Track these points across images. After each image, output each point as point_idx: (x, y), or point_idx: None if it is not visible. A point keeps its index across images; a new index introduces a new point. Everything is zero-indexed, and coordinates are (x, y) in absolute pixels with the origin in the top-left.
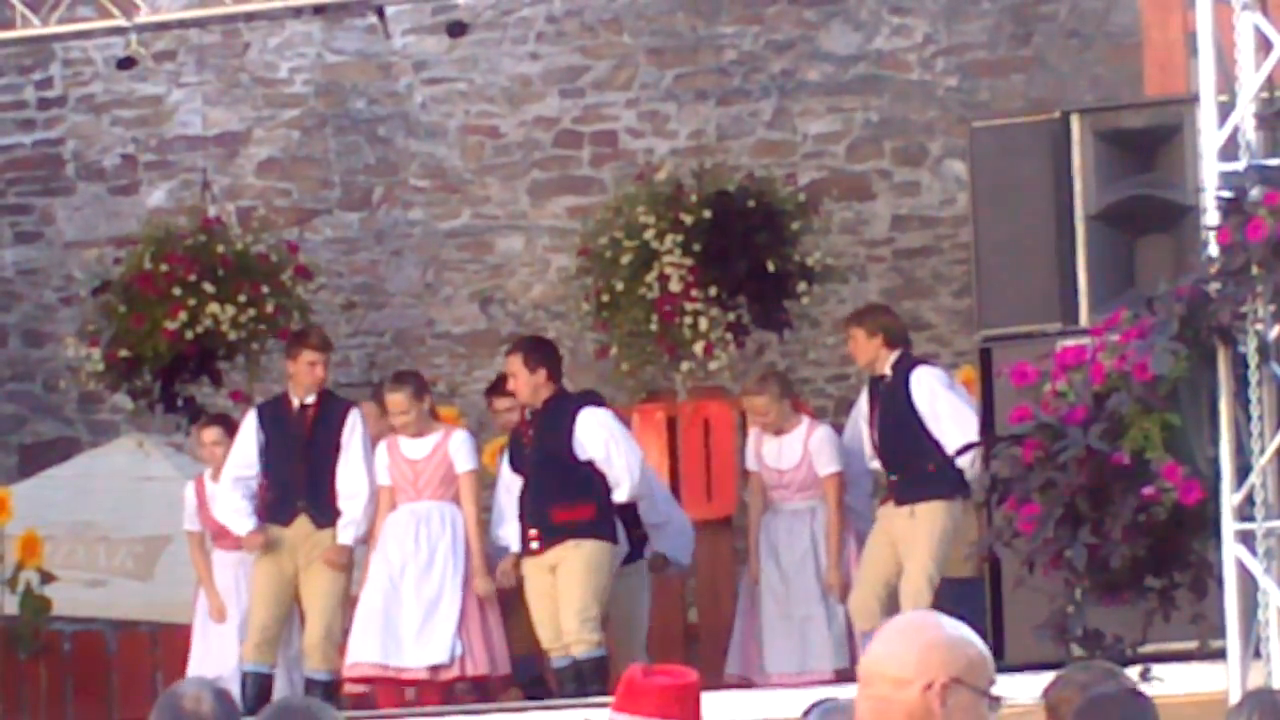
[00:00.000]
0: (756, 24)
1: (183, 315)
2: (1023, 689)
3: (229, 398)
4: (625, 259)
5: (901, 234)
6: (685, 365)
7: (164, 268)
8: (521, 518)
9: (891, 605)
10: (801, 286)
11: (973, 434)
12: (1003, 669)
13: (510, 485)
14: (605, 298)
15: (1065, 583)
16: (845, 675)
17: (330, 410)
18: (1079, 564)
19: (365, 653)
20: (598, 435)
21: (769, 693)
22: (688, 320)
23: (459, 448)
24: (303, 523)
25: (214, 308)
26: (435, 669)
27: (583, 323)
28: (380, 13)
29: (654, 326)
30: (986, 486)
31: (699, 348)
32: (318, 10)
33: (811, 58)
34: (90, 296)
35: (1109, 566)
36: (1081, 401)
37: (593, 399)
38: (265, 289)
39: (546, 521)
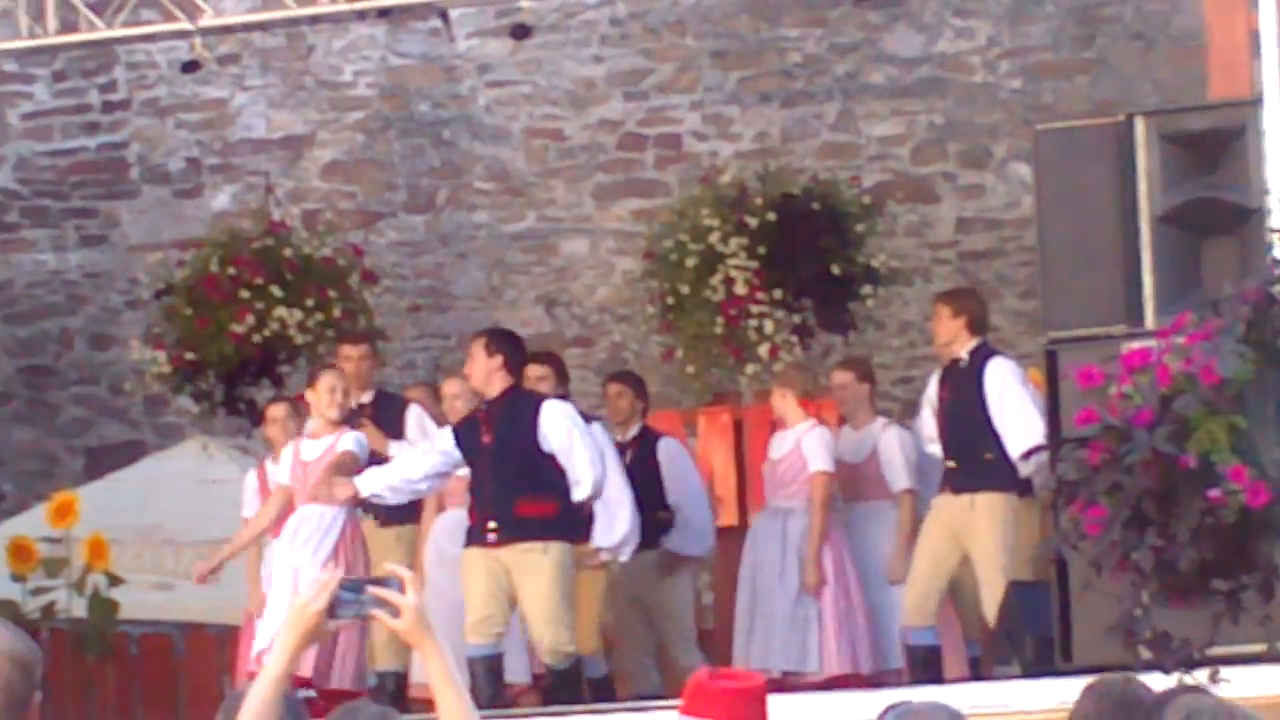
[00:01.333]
0: (820, 27)
1: (249, 319)
2: None
3: (294, 400)
4: (690, 262)
5: (966, 236)
6: (750, 368)
7: (230, 271)
8: (474, 508)
9: (955, 597)
10: (866, 289)
11: (1035, 435)
12: (1071, 671)
13: (422, 455)
14: (670, 300)
15: (1132, 585)
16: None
17: (390, 407)
18: (1146, 566)
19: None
20: (561, 427)
21: (821, 696)
22: (753, 323)
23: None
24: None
25: (281, 311)
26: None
27: (648, 325)
28: (444, 16)
29: (719, 329)
30: (1053, 489)
31: (764, 350)
32: (382, 13)
33: (875, 60)
34: (154, 300)
35: (1176, 569)
36: (1148, 404)
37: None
38: (332, 293)
39: (509, 514)
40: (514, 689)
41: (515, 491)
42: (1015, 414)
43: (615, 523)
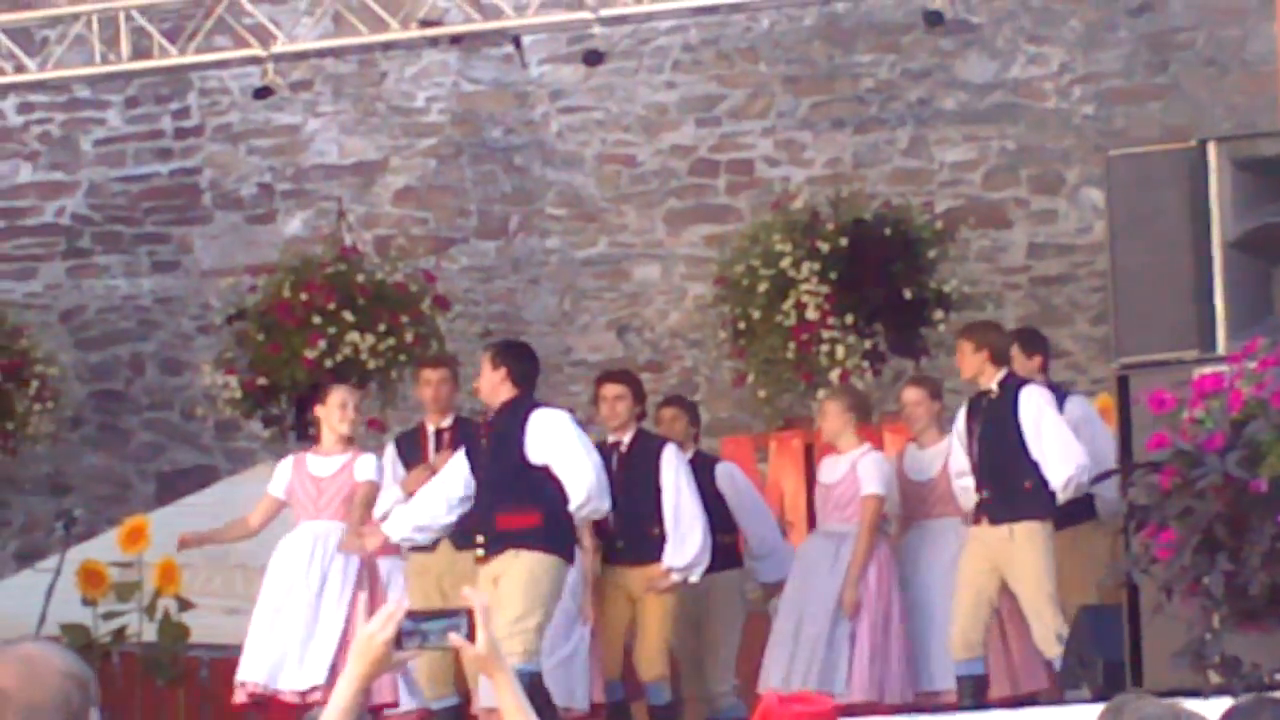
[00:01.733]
0: (893, 52)
1: (322, 344)
2: None
3: (366, 426)
4: (762, 287)
5: (1038, 262)
6: (822, 393)
7: (303, 296)
8: (472, 524)
9: (1001, 626)
10: (938, 314)
11: (1075, 457)
12: None
13: (443, 487)
14: (742, 325)
15: (1203, 610)
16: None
17: (466, 431)
18: (1217, 591)
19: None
20: (549, 437)
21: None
22: (824, 348)
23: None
24: (445, 546)
25: (354, 336)
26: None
27: (719, 351)
28: (517, 42)
29: (791, 354)
30: (1125, 513)
31: (836, 375)
32: (454, 40)
33: (948, 86)
34: (226, 325)
35: (1247, 593)
36: (1219, 429)
37: (552, 403)
38: (404, 318)
39: (491, 528)
40: (570, 713)
41: (496, 504)
42: (1053, 441)
43: (686, 544)
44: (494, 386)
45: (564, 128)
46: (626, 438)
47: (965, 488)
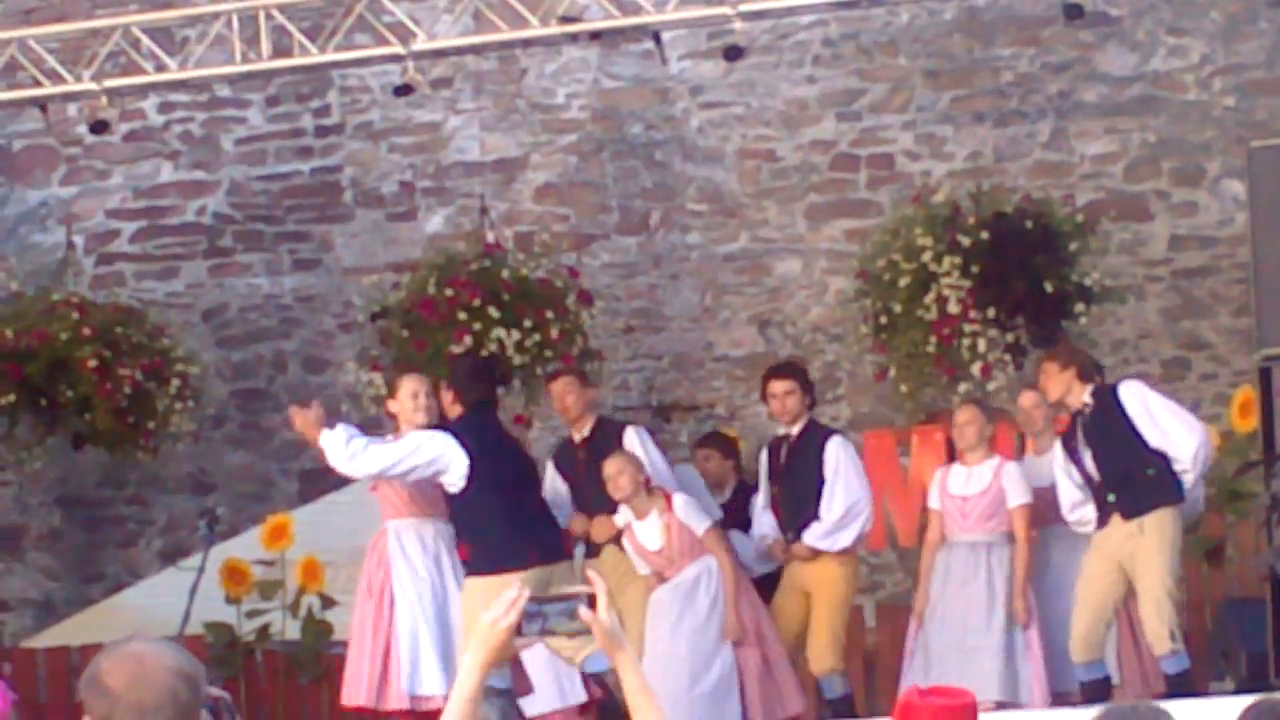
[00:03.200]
0: (1033, 45)
1: (467, 340)
2: None
3: (513, 421)
4: (903, 281)
5: (1180, 254)
6: (963, 386)
7: (448, 292)
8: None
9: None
10: (1079, 307)
11: (1195, 429)
12: None
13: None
14: (883, 320)
15: None
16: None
17: (607, 436)
18: None
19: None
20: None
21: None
22: (966, 341)
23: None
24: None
25: (499, 332)
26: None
27: (861, 345)
28: (657, 38)
29: (932, 348)
30: (1267, 505)
31: (977, 369)
32: (594, 36)
33: (1088, 79)
34: (369, 322)
35: None
36: None
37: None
38: (549, 314)
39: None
40: None
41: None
42: (1169, 421)
43: (841, 532)
44: (446, 407)
45: (704, 123)
46: (796, 429)
47: (1082, 520)
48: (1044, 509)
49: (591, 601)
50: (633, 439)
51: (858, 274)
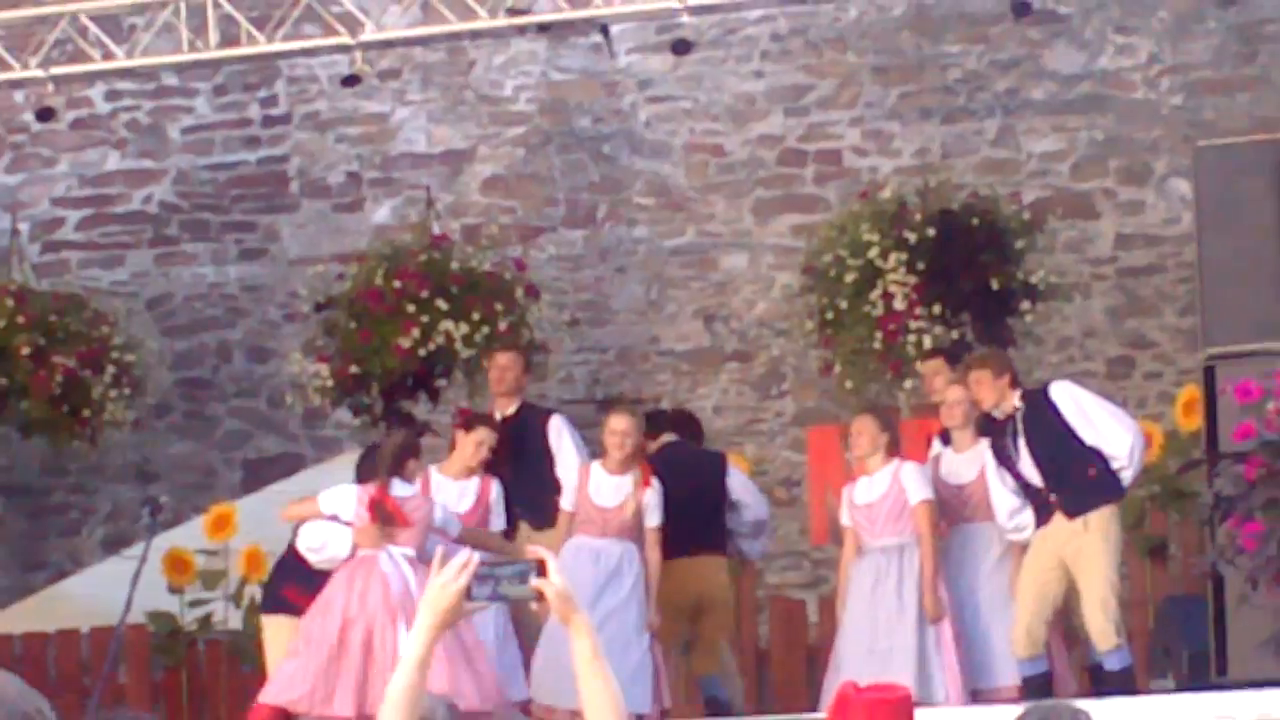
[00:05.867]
0: (981, 43)
1: (415, 332)
2: (1247, 706)
3: (456, 415)
4: (849, 277)
5: (1126, 252)
6: (909, 382)
7: (396, 284)
8: None
9: (1062, 624)
10: (1025, 305)
11: (1127, 424)
12: (1226, 686)
13: None
14: (829, 315)
15: None
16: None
17: (531, 419)
18: None
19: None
20: None
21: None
22: (911, 338)
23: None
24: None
25: (447, 324)
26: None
27: (806, 340)
28: (605, 31)
29: (878, 344)
30: (1210, 504)
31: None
32: (542, 28)
33: (1036, 77)
34: (315, 313)
35: None
36: None
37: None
38: (498, 306)
39: None
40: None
41: None
42: (1103, 420)
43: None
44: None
45: (652, 117)
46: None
47: (1019, 526)
48: (958, 506)
49: (542, 568)
50: (557, 426)
51: (804, 269)
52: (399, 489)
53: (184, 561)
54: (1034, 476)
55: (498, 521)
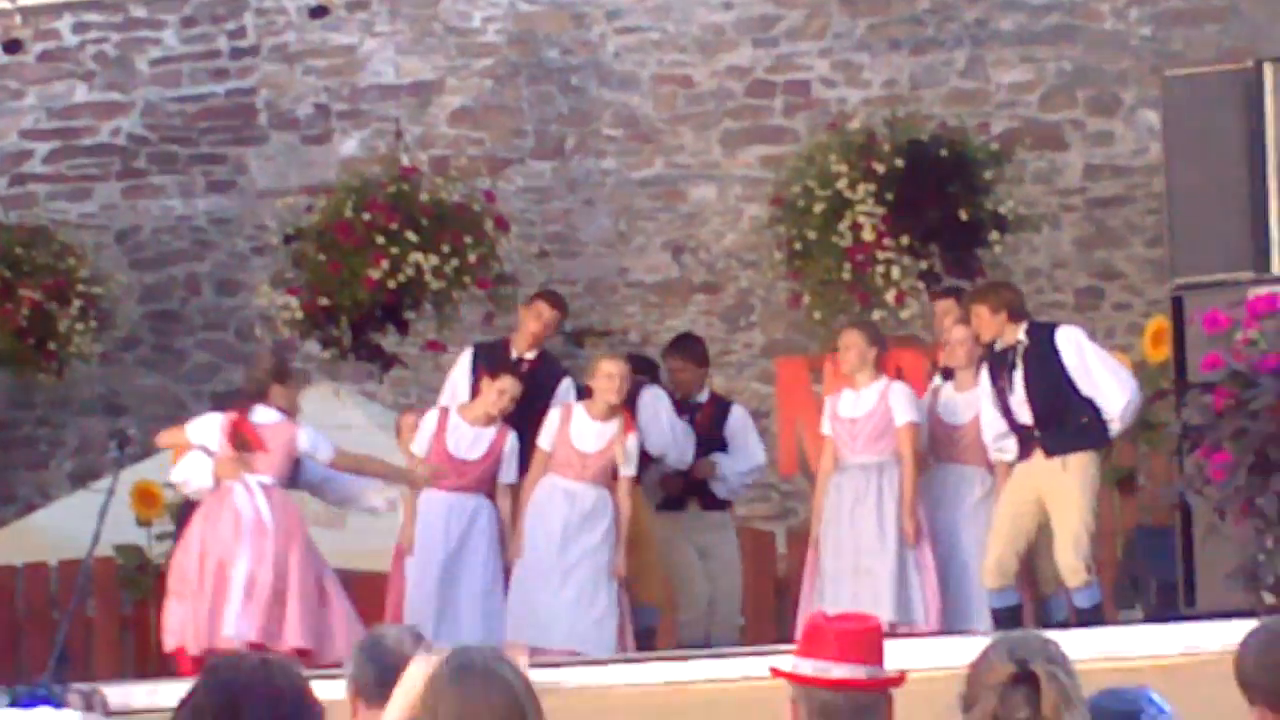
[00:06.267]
0: None
1: (385, 264)
2: (1215, 637)
3: (426, 348)
4: (818, 208)
5: (1094, 183)
6: (877, 313)
7: (365, 216)
8: None
9: (1032, 559)
10: (994, 235)
11: (1126, 383)
12: (1195, 617)
13: None
14: (798, 246)
15: (1256, 530)
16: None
17: (548, 370)
18: (1271, 512)
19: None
20: None
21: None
22: (880, 269)
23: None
24: None
25: (417, 256)
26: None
27: (775, 271)
28: None
29: (846, 275)
30: (1178, 434)
31: (891, 296)
32: None
33: (1005, 7)
34: (284, 245)
35: None
36: (1273, 349)
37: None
38: (467, 238)
39: None
40: None
41: None
42: (1102, 373)
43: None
44: None
45: (620, 48)
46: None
47: (1003, 449)
48: (948, 445)
49: None
50: (566, 387)
51: (772, 200)
52: (261, 415)
53: (152, 494)
54: (1023, 413)
55: (508, 474)
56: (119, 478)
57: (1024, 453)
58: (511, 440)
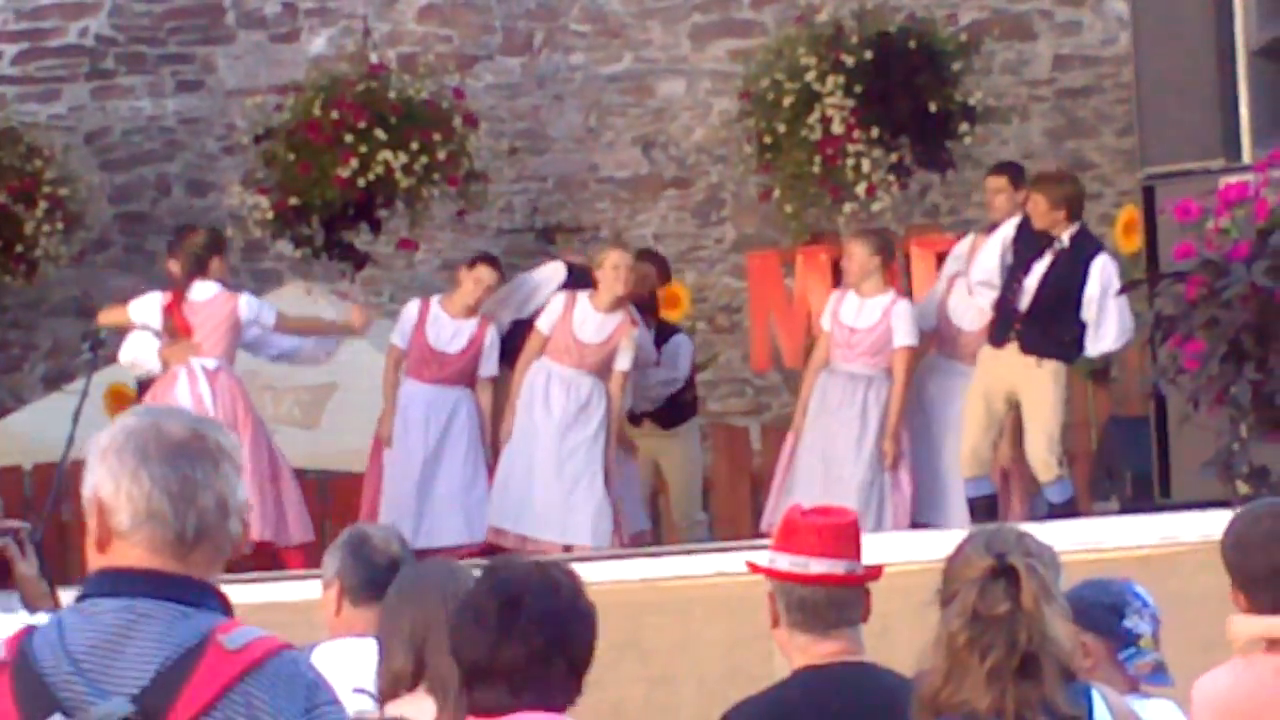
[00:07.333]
0: None
1: (354, 162)
2: (1190, 527)
3: (397, 246)
4: (787, 101)
5: (1063, 74)
6: (848, 206)
7: (333, 115)
8: None
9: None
10: (963, 127)
11: (1125, 331)
12: (1170, 507)
13: None
14: (767, 140)
15: (1230, 420)
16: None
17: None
18: (1244, 401)
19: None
20: None
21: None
22: (850, 161)
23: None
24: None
25: (386, 154)
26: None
27: (745, 166)
28: None
29: (816, 168)
30: (1150, 324)
31: (862, 189)
32: None
33: None
34: (254, 144)
35: (1274, 403)
36: (1245, 238)
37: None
38: (436, 136)
39: None
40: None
41: None
42: (1110, 316)
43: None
44: None
45: None
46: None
47: (985, 294)
48: (949, 344)
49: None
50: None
51: (741, 94)
52: (200, 291)
53: (125, 396)
54: (1022, 300)
55: (488, 367)
56: (92, 379)
57: (999, 337)
58: (492, 333)
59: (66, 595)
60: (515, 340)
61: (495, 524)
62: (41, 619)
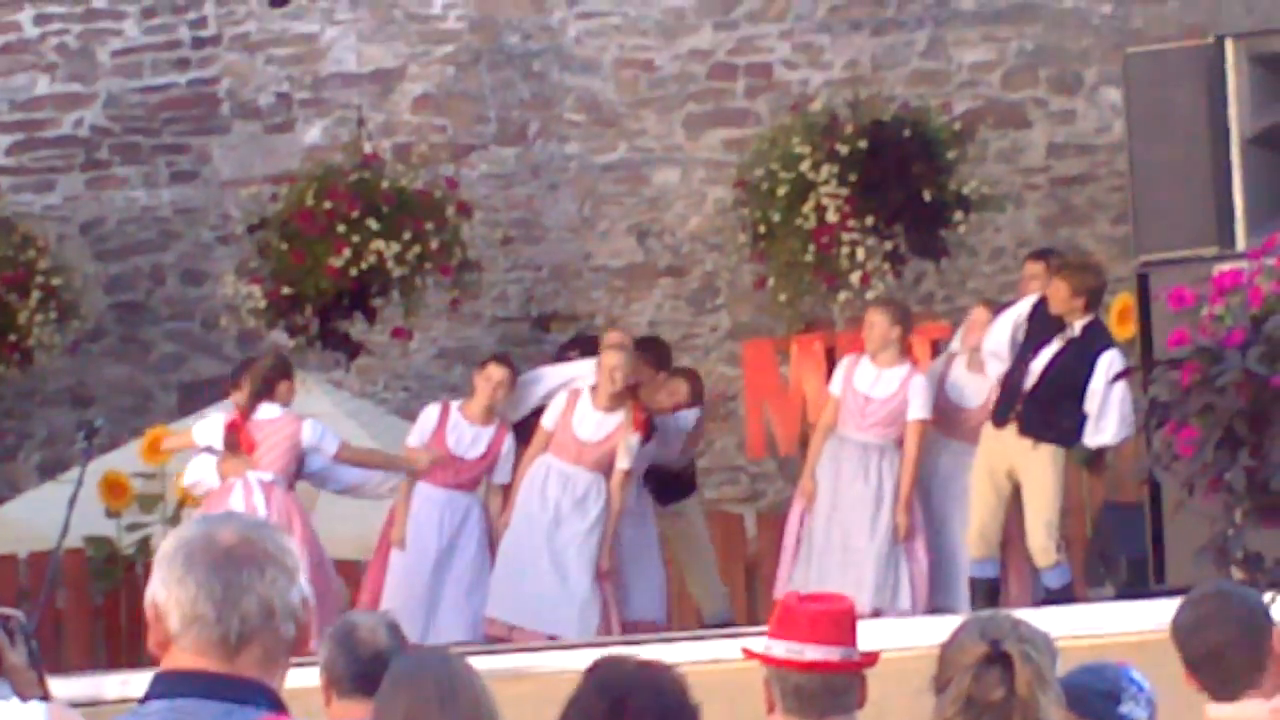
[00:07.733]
0: None
1: (347, 252)
2: None
3: (391, 335)
4: (781, 190)
5: (1058, 162)
6: (843, 295)
7: (326, 204)
8: None
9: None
10: (958, 215)
11: (1125, 427)
12: (1164, 593)
13: None
14: (762, 229)
15: (1225, 506)
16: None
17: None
18: (1239, 487)
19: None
20: None
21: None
22: (845, 250)
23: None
24: None
25: (379, 244)
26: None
27: (740, 254)
28: None
29: (811, 257)
30: (1145, 410)
31: (856, 277)
32: None
33: None
34: (248, 234)
35: (1269, 489)
36: (1239, 325)
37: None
38: (429, 225)
39: None
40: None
41: None
42: (1112, 411)
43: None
44: None
45: (582, 33)
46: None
47: (995, 366)
48: (951, 425)
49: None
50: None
51: (736, 183)
52: (265, 411)
53: (120, 485)
54: (1027, 381)
55: (501, 474)
56: (87, 469)
57: (1001, 416)
58: (509, 441)
59: (58, 685)
60: (524, 433)
61: (488, 613)
62: (35, 709)
